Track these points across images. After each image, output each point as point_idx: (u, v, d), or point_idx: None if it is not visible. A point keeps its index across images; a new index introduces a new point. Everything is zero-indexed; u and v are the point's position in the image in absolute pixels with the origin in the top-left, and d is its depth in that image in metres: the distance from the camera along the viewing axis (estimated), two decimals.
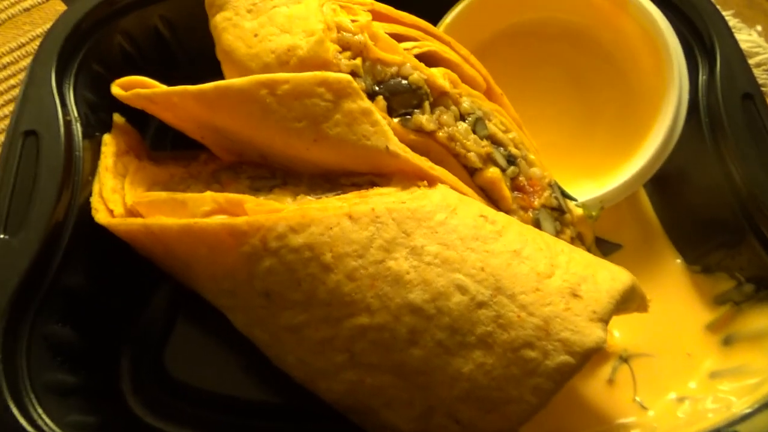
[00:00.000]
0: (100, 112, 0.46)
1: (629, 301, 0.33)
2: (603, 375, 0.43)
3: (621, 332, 0.45)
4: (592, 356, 0.29)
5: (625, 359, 0.43)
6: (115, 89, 0.43)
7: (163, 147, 0.51)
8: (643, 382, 0.42)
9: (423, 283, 0.30)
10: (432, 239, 0.31)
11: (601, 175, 0.49)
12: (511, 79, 0.52)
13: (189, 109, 0.38)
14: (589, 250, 0.46)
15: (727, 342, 0.42)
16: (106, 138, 0.44)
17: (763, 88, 0.60)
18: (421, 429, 0.32)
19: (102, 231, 0.40)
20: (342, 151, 0.35)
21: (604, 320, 0.30)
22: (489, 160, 0.38)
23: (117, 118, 0.46)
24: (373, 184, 0.36)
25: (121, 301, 0.44)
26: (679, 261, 0.47)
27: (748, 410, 0.32)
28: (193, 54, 0.51)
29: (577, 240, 0.44)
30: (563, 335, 0.29)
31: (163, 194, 0.36)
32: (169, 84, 0.42)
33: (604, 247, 0.48)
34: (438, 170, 0.36)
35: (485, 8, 0.50)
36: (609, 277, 0.31)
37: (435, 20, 0.50)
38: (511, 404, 0.30)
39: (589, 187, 0.49)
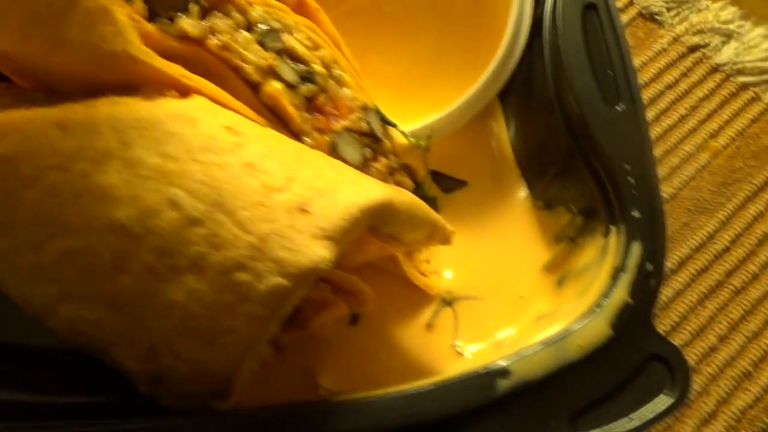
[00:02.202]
0: None
1: (395, 225, 0.28)
2: (423, 319, 0.39)
3: (455, 273, 0.41)
4: (311, 278, 0.25)
5: (449, 302, 0.39)
6: None
7: None
8: (466, 326, 0.38)
9: (132, 198, 0.26)
10: (154, 150, 0.27)
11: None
12: (362, 4, 0.48)
13: None
14: (420, 185, 0.41)
15: (561, 283, 0.38)
16: None
17: (670, 12, 0.55)
18: (152, 370, 0.28)
19: None
20: (82, 57, 0.30)
21: (332, 238, 0.25)
22: (271, 73, 0.34)
23: None
24: None
25: None
26: (526, 197, 0.43)
27: (526, 350, 0.29)
28: None
29: (402, 172, 0.40)
30: (278, 254, 0.25)
31: None
32: None
33: (445, 184, 0.43)
34: (194, 80, 0.31)
35: None
36: (354, 192, 0.27)
37: None
38: (227, 335, 0.26)
39: None
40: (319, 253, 0.25)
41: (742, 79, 0.51)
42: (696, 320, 0.43)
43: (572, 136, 0.35)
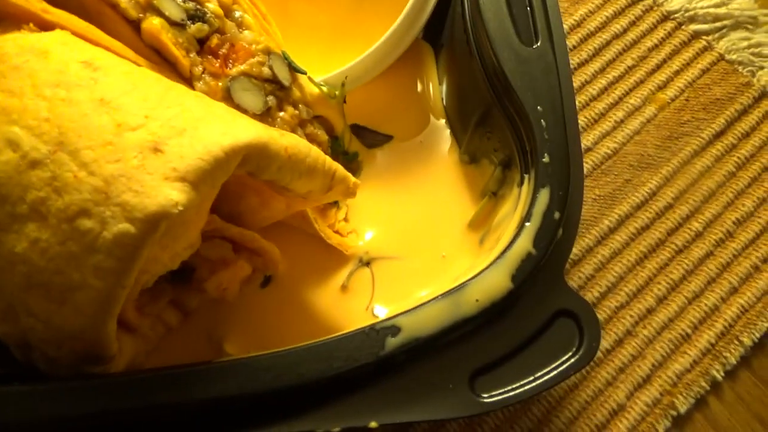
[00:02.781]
0: None
1: (274, 171, 0.25)
2: (337, 281, 0.37)
3: (376, 232, 0.39)
4: (161, 224, 0.23)
5: (366, 263, 0.37)
6: None
7: None
8: (383, 287, 0.36)
9: None
10: None
11: None
12: None
13: None
14: (338, 139, 0.39)
15: (482, 241, 0.36)
16: None
17: None
18: (17, 333, 0.26)
19: None
20: None
21: (188, 180, 0.23)
22: (150, 8, 0.31)
23: None
24: None
25: None
26: (453, 152, 0.40)
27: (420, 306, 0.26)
28: None
29: (315, 124, 0.37)
30: (124, 198, 0.22)
31: None
32: None
33: (368, 139, 0.41)
34: (56, 14, 0.28)
35: None
36: (220, 131, 0.24)
37: None
38: (78, 291, 0.23)
39: None
40: (169, 195, 0.22)
41: (694, 27, 0.48)
42: (634, 281, 0.40)
43: (488, 79, 0.32)
